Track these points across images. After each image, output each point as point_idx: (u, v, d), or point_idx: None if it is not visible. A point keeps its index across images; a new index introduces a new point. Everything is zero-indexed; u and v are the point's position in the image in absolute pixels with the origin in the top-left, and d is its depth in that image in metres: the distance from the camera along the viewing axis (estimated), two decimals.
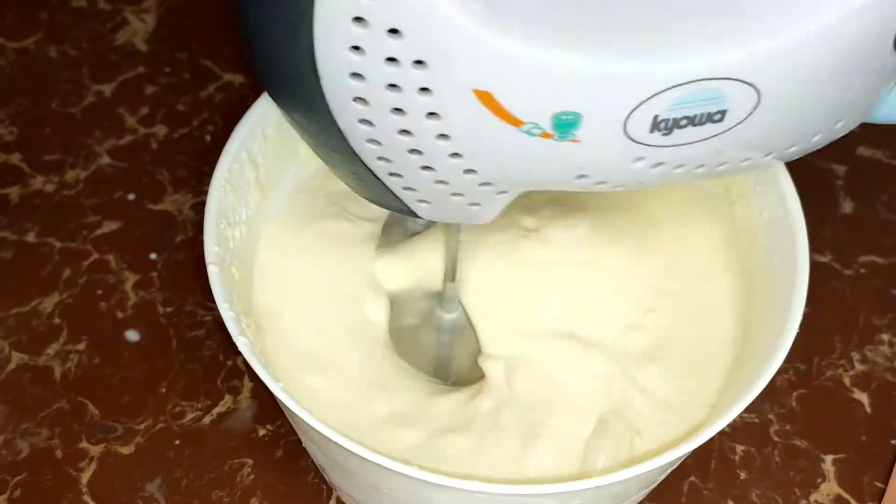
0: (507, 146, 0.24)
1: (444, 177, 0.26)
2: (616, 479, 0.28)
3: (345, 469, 0.32)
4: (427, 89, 0.23)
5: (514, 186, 0.26)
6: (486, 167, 0.25)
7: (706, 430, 0.29)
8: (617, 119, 0.23)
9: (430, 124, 0.24)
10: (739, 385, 0.32)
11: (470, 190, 0.26)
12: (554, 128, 0.23)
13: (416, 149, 0.25)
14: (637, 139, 0.24)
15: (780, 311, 0.32)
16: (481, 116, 0.23)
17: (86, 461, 0.39)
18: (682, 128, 0.24)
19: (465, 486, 0.27)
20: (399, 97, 0.23)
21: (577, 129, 0.23)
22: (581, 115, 0.23)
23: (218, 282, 0.31)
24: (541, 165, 0.25)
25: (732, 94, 0.23)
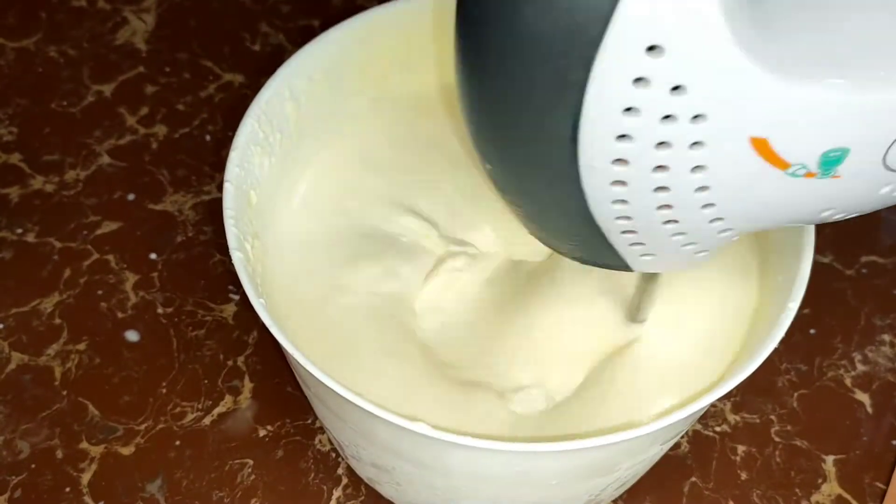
0: (768, 190, 0.24)
1: (686, 228, 0.25)
2: (632, 436, 0.29)
3: (337, 414, 0.32)
4: (700, 143, 0.22)
5: (753, 228, 0.26)
6: (737, 213, 0.25)
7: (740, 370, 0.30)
8: (880, 150, 0.23)
9: (692, 178, 0.23)
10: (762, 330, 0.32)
11: (707, 238, 0.26)
12: (820, 166, 0.23)
13: (669, 204, 0.24)
14: (892, 167, 0.24)
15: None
16: (750, 164, 0.23)
17: (86, 461, 0.39)
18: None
19: (480, 445, 0.28)
20: (667, 153, 0.22)
21: (841, 165, 0.23)
22: (848, 151, 0.23)
23: (231, 196, 0.33)
24: (793, 204, 0.25)
25: None
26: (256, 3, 0.53)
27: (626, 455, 0.32)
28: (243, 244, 0.32)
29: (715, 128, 0.22)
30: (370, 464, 0.34)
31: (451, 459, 0.30)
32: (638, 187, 0.24)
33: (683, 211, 0.24)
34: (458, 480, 0.32)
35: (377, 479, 0.36)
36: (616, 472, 0.33)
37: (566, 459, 0.30)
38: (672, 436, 0.33)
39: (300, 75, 0.37)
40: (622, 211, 0.25)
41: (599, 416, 0.33)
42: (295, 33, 0.52)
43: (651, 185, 0.23)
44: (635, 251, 0.27)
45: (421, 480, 0.33)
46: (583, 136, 0.22)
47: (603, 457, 0.31)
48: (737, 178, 0.23)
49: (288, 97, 0.36)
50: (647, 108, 0.21)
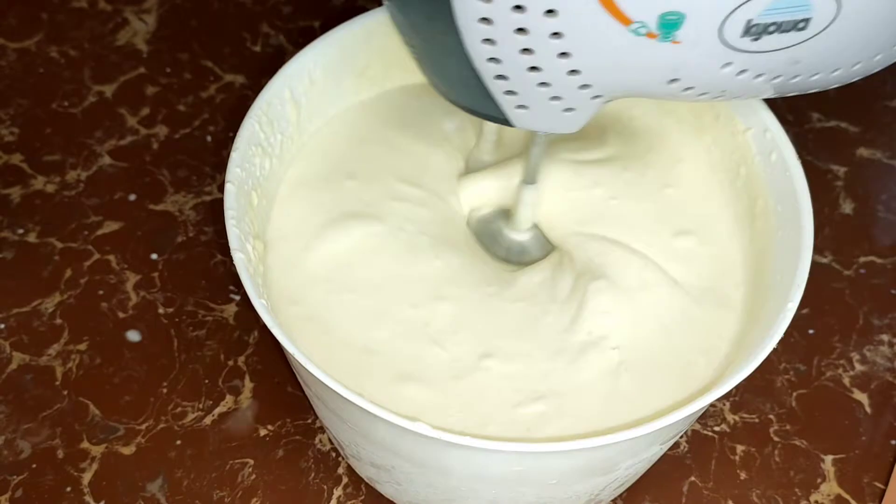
0: (615, 45, 0.26)
1: (548, 78, 0.27)
2: (633, 435, 0.29)
3: (337, 414, 0.32)
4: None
5: (610, 90, 0.28)
6: (591, 67, 0.27)
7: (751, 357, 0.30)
8: (715, 20, 0.25)
9: (547, 23, 0.25)
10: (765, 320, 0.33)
11: (570, 93, 0.28)
12: (659, 27, 0.25)
13: (529, 48, 0.26)
14: (729, 43, 0.26)
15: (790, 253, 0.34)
16: (597, 15, 0.25)
17: (87, 461, 0.39)
18: (770, 34, 0.26)
19: (479, 445, 0.28)
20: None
21: (679, 30, 0.25)
22: (684, 16, 0.25)
23: (232, 197, 0.33)
24: (640, 66, 0.27)
25: (817, 3, 0.25)
26: (257, 4, 0.53)
27: (626, 455, 0.32)
28: (244, 245, 0.32)
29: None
30: (370, 463, 0.34)
31: (451, 459, 0.30)
32: (500, 27, 0.26)
33: (543, 58, 0.27)
34: (458, 480, 0.32)
35: (377, 479, 0.36)
36: (616, 472, 0.33)
37: (565, 459, 0.30)
38: (672, 436, 0.33)
39: (301, 76, 0.37)
40: (492, 52, 0.27)
41: (599, 415, 0.33)
42: (295, 34, 0.52)
43: (511, 25, 0.26)
44: (510, 101, 0.29)
45: (420, 480, 0.33)
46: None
47: (602, 457, 0.31)
48: (586, 30, 0.26)
49: (289, 98, 0.36)
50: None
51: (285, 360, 0.42)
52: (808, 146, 0.49)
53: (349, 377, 0.31)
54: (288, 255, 0.36)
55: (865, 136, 0.50)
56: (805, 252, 0.33)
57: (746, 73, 0.27)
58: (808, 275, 0.32)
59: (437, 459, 0.31)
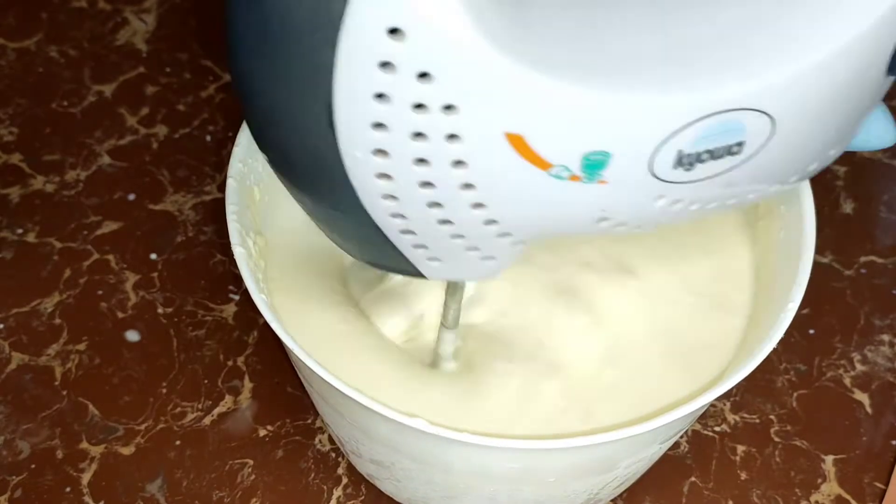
0: (535, 192, 0.23)
1: (462, 230, 0.25)
2: (624, 435, 0.29)
3: (337, 410, 0.32)
4: (455, 136, 0.22)
5: (533, 235, 0.26)
6: (509, 216, 0.25)
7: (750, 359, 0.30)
8: (644, 156, 0.23)
9: (455, 174, 0.23)
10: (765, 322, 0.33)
11: (487, 242, 0.26)
12: (583, 169, 0.23)
13: (437, 202, 0.24)
14: (661, 176, 0.24)
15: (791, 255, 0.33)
16: (511, 161, 0.23)
17: (86, 462, 0.39)
18: (703, 162, 0.24)
19: (478, 441, 0.28)
20: (425, 146, 0.22)
21: (605, 170, 0.23)
22: (610, 155, 0.23)
23: (234, 192, 0.33)
24: (565, 210, 0.24)
25: (750, 125, 0.24)
26: None
27: (626, 453, 0.32)
28: (245, 240, 0.32)
29: (468, 120, 0.22)
30: (370, 460, 0.34)
31: (450, 455, 0.30)
32: (403, 181, 0.23)
33: (454, 211, 0.24)
34: (457, 477, 0.32)
35: (377, 476, 0.36)
36: (615, 471, 0.33)
37: (565, 457, 0.30)
38: (671, 434, 0.33)
39: None
40: (394, 207, 0.24)
41: (600, 414, 0.33)
42: None
43: (415, 180, 0.23)
44: (420, 255, 0.26)
45: (420, 476, 0.33)
46: (339, 123, 0.22)
47: (602, 455, 0.31)
48: (501, 178, 0.23)
49: None
50: (396, 94, 0.21)
51: (285, 360, 0.42)
52: None
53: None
54: (290, 251, 0.36)
55: None
56: (807, 252, 0.33)
57: (680, 203, 0.25)
58: (809, 274, 0.32)
59: (436, 456, 0.31)
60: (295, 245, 0.36)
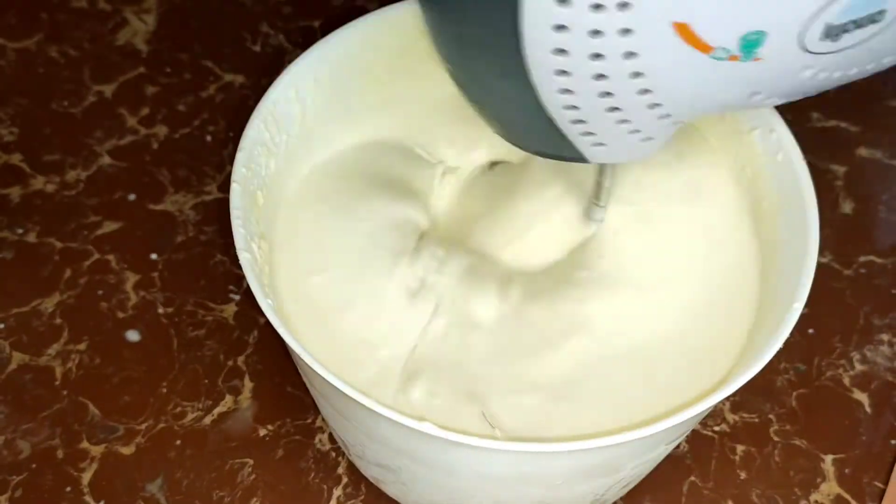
0: (697, 74, 0.25)
1: (629, 115, 0.27)
2: (641, 435, 0.29)
3: (343, 414, 0.32)
4: (629, 30, 0.24)
5: (691, 114, 0.28)
6: (672, 97, 0.27)
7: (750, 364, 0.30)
8: (796, 32, 0.25)
9: (626, 65, 0.25)
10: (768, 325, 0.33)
11: (649, 124, 0.28)
12: (741, 49, 0.25)
13: (609, 91, 0.26)
14: (810, 49, 0.25)
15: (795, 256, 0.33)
16: (677, 48, 0.25)
17: (87, 461, 0.39)
18: (849, 31, 0.25)
19: (486, 445, 0.28)
20: (600, 42, 0.24)
21: (760, 48, 0.25)
22: (765, 33, 0.25)
23: (238, 197, 0.33)
24: (722, 88, 0.26)
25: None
26: (257, 4, 0.53)
27: (632, 455, 0.32)
28: (250, 245, 0.32)
29: (641, 15, 0.24)
30: (375, 463, 0.34)
31: (457, 459, 0.30)
32: (579, 76, 0.25)
33: (623, 98, 0.26)
34: (464, 480, 0.32)
35: (382, 479, 0.36)
36: (621, 472, 0.33)
37: (572, 459, 0.30)
38: (677, 435, 0.33)
39: (307, 76, 0.37)
40: (569, 100, 0.27)
41: (604, 417, 0.33)
42: (296, 34, 0.52)
43: (591, 73, 0.25)
44: (587, 141, 0.29)
45: (426, 480, 0.33)
46: (524, 29, 0.24)
47: (608, 457, 0.31)
48: (667, 64, 0.25)
49: (294, 98, 0.36)
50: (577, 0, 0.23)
51: (285, 359, 0.42)
52: (807, 146, 0.49)
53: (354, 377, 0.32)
54: (295, 256, 0.36)
55: (865, 136, 0.50)
56: (810, 252, 0.32)
57: (825, 72, 0.27)
58: (813, 274, 0.32)
59: (443, 459, 0.31)
60: (297, 248, 0.36)
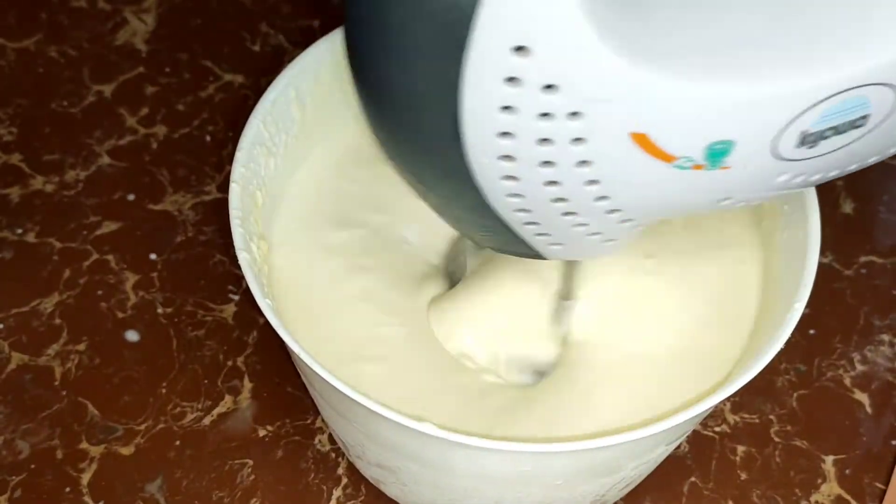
0: (658, 182, 0.24)
1: (585, 219, 0.26)
2: (638, 436, 0.29)
3: (343, 415, 0.32)
4: (581, 139, 0.23)
5: (654, 219, 0.27)
6: (632, 204, 0.25)
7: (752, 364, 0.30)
8: (768, 141, 0.24)
9: (579, 172, 0.24)
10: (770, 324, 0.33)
11: (610, 228, 0.26)
12: (706, 158, 0.23)
13: (562, 197, 0.24)
14: (784, 156, 0.24)
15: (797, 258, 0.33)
16: (634, 158, 0.23)
17: (86, 462, 0.39)
18: (827, 138, 0.24)
19: (486, 445, 0.28)
20: (550, 150, 0.23)
21: (728, 157, 0.24)
22: (733, 143, 0.23)
23: (237, 197, 0.33)
24: (687, 195, 0.25)
25: (875, 98, 0.24)
26: (256, 4, 0.53)
27: (632, 456, 0.32)
28: (249, 245, 0.32)
29: (593, 124, 0.22)
30: (375, 464, 0.34)
31: (457, 459, 0.30)
32: (529, 182, 0.24)
33: (578, 203, 0.25)
34: (464, 480, 0.32)
35: (382, 480, 0.36)
36: (622, 473, 0.33)
37: (572, 460, 0.30)
38: (678, 436, 0.33)
39: (306, 76, 0.37)
40: (519, 203, 0.25)
41: (605, 416, 0.33)
42: (295, 33, 0.52)
43: (541, 180, 0.24)
44: (542, 241, 0.27)
45: (426, 480, 0.33)
46: (466, 134, 0.23)
47: (609, 457, 0.31)
48: (624, 173, 0.24)
49: (294, 98, 0.36)
50: (522, 106, 0.22)
51: (284, 360, 0.42)
52: None
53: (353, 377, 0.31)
54: (294, 256, 0.36)
55: None
56: (812, 252, 0.32)
57: (802, 176, 0.26)
58: (815, 274, 0.32)
59: (443, 460, 0.31)
60: (296, 248, 0.36)
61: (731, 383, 0.30)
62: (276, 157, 0.36)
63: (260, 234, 0.34)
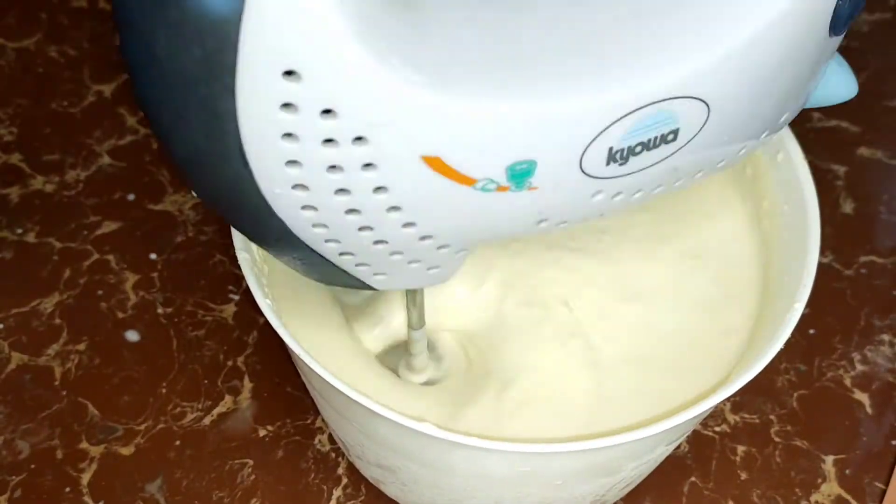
0: (463, 206, 0.23)
1: (399, 247, 0.24)
2: (641, 436, 0.29)
3: (343, 415, 0.32)
4: (371, 164, 0.21)
5: (472, 243, 0.25)
6: (442, 230, 0.24)
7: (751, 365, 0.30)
8: (572, 159, 0.22)
9: (378, 199, 0.22)
10: (771, 320, 0.33)
11: (427, 255, 0.25)
12: (509, 179, 0.22)
13: (367, 225, 0.23)
14: (594, 174, 0.23)
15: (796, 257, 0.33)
16: (432, 182, 0.22)
17: (86, 462, 0.39)
18: (637, 154, 0.23)
19: (485, 445, 0.28)
20: (342, 177, 0.22)
21: (533, 177, 0.22)
22: (535, 162, 0.22)
23: None
24: (499, 218, 0.24)
25: (683, 112, 0.23)
26: None
27: (632, 456, 0.32)
28: (249, 245, 0.32)
29: (381, 149, 0.21)
30: (375, 464, 0.34)
31: (456, 459, 0.30)
32: (329, 210, 0.22)
33: (385, 232, 0.23)
34: (464, 480, 0.32)
35: (382, 480, 0.36)
36: (621, 473, 0.33)
37: (571, 460, 0.30)
38: (678, 436, 0.33)
39: None
40: (327, 234, 0.23)
41: (606, 416, 0.33)
42: None
43: (340, 208, 0.22)
44: (365, 271, 0.26)
45: (426, 480, 0.33)
46: (252, 163, 0.21)
47: (608, 458, 0.31)
48: (425, 198, 0.22)
49: None
50: (303, 133, 0.20)
51: (284, 360, 0.42)
52: (808, 146, 0.49)
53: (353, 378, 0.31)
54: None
55: (866, 136, 0.50)
56: (812, 252, 0.32)
57: (622, 194, 0.24)
58: (815, 274, 0.32)
59: (443, 460, 0.31)
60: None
61: (732, 383, 0.30)
62: None
63: None
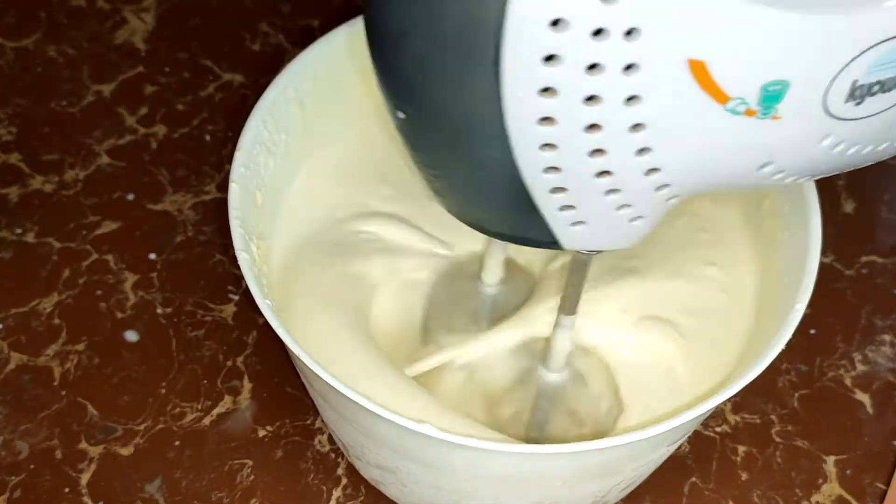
0: (707, 130, 0.22)
1: (620, 182, 0.23)
2: (637, 438, 0.29)
3: (342, 415, 0.32)
4: (634, 65, 0.20)
5: (691, 186, 0.25)
6: (674, 161, 0.23)
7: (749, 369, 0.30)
8: (820, 87, 0.22)
9: (627, 112, 0.21)
10: (770, 324, 0.33)
11: (642, 197, 0.24)
12: (760, 101, 0.22)
13: (601, 148, 0.22)
14: (831, 111, 0.23)
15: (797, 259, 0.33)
16: (689, 94, 0.21)
17: (85, 462, 0.39)
18: (873, 95, 0.23)
19: (486, 447, 0.28)
20: (599, 79, 0.21)
21: (781, 103, 0.22)
22: (788, 84, 0.22)
23: (236, 197, 0.33)
24: (732, 153, 0.23)
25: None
26: (256, 3, 0.53)
27: (633, 457, 0.32)
28: (249, 245, 0.32)
29: (650, 45, 0.20)
30: (375, 465, 0.34)
31: (457, 460, 0.30)
32: (567, 125, 0.21)
33: (617, 157, 0.23)
34: (464, 481, 0.32)
35: (382, 480, 0.36)
36: (622, 474, 0.33)
37: (572, 461, 0.30)
38: (679, 437, 0.33)
39: (305, 76, 0.37)
40: (551, 159, 0.22)
41: (605, 417, 0.33)
42: (295, 33, 0.52)
43: (581, 122, 0.21)
44: (565, 218, 0.25)
45: (426, 481, 0.33)
46: (505, 54, 0.20)
47: (608, 459, 0.31)
48: (675, 114, 0.22)
49: (293, 98, 0.36)
50: (574, 18, 0.19)
51: (284, 360, 0.41)
52: None
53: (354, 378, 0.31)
54: (293, 256, 0.36)
55: None
56: (813, 252, 0.32)
57: (843, 144, 0.24)
58: (816, 275, 0.32)
59: (443, 461, 0.31)
60: (295, 248, 0.36)
61: (733, 384, 0.30)
62: (275, 157, 0.36)
63: (259, 233, 0.34)
